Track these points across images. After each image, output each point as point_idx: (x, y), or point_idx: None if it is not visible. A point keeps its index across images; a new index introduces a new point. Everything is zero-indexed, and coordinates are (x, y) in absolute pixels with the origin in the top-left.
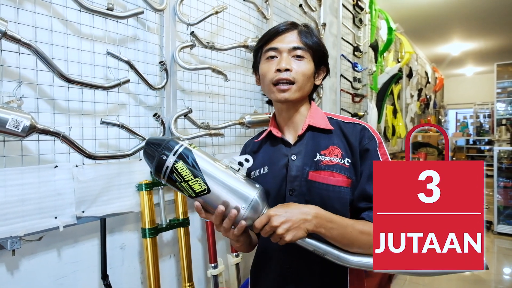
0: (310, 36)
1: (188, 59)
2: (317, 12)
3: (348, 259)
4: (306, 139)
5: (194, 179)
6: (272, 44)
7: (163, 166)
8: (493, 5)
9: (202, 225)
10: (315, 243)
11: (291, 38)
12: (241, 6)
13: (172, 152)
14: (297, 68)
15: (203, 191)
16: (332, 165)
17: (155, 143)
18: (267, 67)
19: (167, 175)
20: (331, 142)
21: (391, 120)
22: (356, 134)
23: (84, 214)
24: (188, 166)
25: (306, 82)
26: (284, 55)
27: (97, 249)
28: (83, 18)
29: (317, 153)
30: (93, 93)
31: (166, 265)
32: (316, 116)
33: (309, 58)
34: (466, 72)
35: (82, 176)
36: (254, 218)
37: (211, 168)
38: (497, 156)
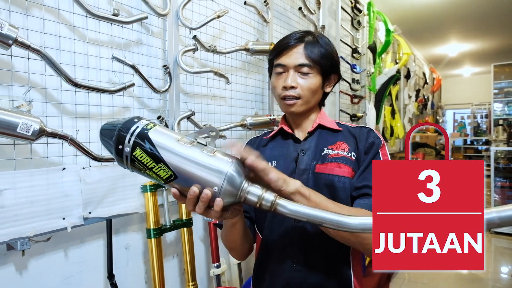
0: (317, 49)
1: (190, 62)
2: (316, 14)
3: (349, 223)
4: (315, 137)
5: (157, 165)
6: (280, 60)
7: (122, 156)
8: (489, 7)
9: (204, 226)
10: (309, 211)
11: (297, 55)
12: (242, 10)
13: (126, 139)
14: (303, 84)
15: (169, 177)
16: (339, 157)
17: (108, 130)
18: (276, 82)
19: (129, 165)
20: (339, 139)
21: (389, 121)
22: (364, 134)
23: (90, 215)
24: (146, 152)
25: (312, 96)
26: (290, 72)
27: (102, 249)
28: (89, 24)
29: (325, 148)
30: (99, 97)
31: (169, 265)
32: (325, 118)
33: (315, 73)
34: (463, 73)
35: (89, 178)
36: (234, 193)
37: (174, 149)
38: (494, 156)
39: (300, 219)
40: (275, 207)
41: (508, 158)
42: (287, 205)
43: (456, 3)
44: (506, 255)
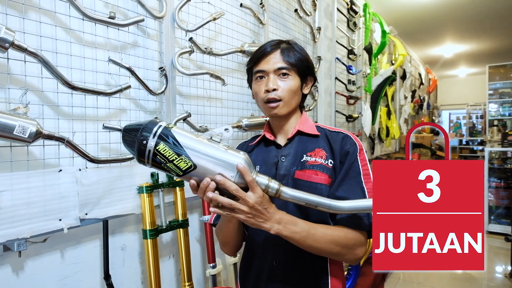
0: (293, 53)
1: (186, 64)
2: (312, 16)
3: (339, 206)
4: (295, 143)
5: (179, 157)
6: (259, 66)
7: (145, 151)
8: (484, 9)
9: (200, 226)
10: (307, 196)
11: (275, 59)
12: (238, 12)
13: (151, 134)
14: (283, 86)
15: (189, 167)
16: (316, 164)
17: (132, 129)
18: (258, 88)
19: (151, 159)
20: (317, 145)
21: (385, 122)
22: (339, 140)
23: (87, 216)
24: (170, 146)
25: (292, 97)
26: (270, 76)
27: (99, 250)
28: (85, 26)
29: (304, 154)
30: (95, 99)
31: (165, 265)
32: (305, 123)
33: (293, 75)
34: (459, 74)
35: (85, 179)
36: (244, 183)
37: (193, 144)
38: (488, 156)
39: (299, 203)
40: (279, 194)
41: (502, 159)
42: (288, 191)
43: (451, 4)
44: (500, 254)
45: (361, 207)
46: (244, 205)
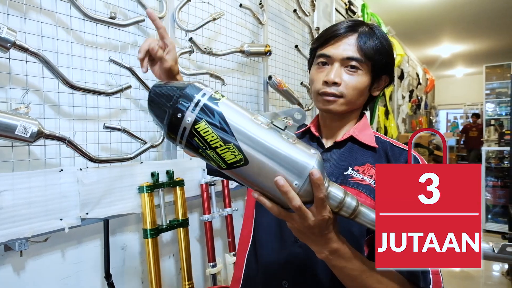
0: (373, 42)
1: (186, 64)
2: (311, 16)
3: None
4: (343, 149)
5: (225, 145)
6: (325, 49)
7: (178, 127)
8: (481, 10)
9: (200, 225)
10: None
11: (347, 46)
12: (237, 12)
13: (191, 105)
14: (348, 81)
15: (237, 162)
16: (362, 184)
17: (165, 93)
18: (316, 75)
19: (185, 139)
20: (369, 161)
21: (383, 121)
22: (402, 161)
23: (88, 216)
24: (214, 128)
25: (357, 97)
26: (335, 65)
27: (99, 250)
28: (86, 27)
29: (350, 167)
30: (96, 99)
31: (166, 265)
32: (363, 130)
33: (365, 70)
34: (456, 74)
35: (86, 179)
36: (310, 197)
37: (249, 128)
38: (485, 156)
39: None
40: (356, 215)
41: (499, 158)
42: (369, 214)
43: (448, 5)
44: None
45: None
46: (299, 222)
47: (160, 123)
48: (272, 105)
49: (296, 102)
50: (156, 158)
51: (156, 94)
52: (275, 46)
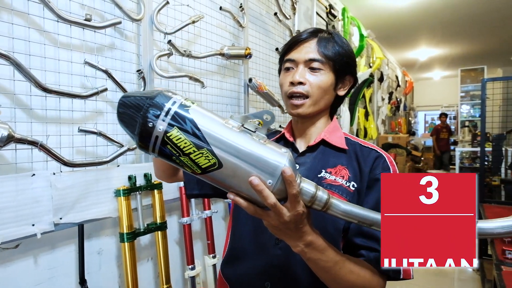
0: (332, 45)
1: (165, 67)
2: (292, 20)
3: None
4: (316, 152)
5: (198, 151)
6: (290, 54)
7: (150, 136)
8: (457, 15)
9: (179, 228)
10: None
11: (309, 49)
12: (217, 15)
13: (161, 114)
14: (312, 81)
15: (211, 166)
16: (335, 185)
17: (134, 103)
18: (284, 79)
19: (158, 148)
20: (341, 162)
21: (363, 123)
22: (370, 160)
23: (61, 221)
24: (187, 135)
25: (322, 95)
26: (300, 67)
27: (74, 255)
28: (60, 28)
29: (323, 170)
30: (70, 102)
31: (143, 268)
32: (333, 133)
33: (328, 69)
34: (433, 76)
35: (60, 183)
36: (284, 194)
37: (221, 133)
38: (459, 156)
39: (351, 221)
40: (328, 207)
41: (472, 158)
42: (340, 205)
43: (426, 11)
44: None
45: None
46: (275, 218)
47: (131, 134)
48: (253, 107)
49: (276, 104)
50: (133, 161)
51: (125, 104)
52: (255, 49)
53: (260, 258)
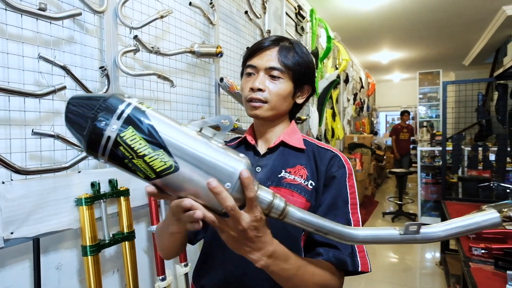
0: (292, 55)
1: (131, 64)
2: (262, 19)
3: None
4: (276, 154)
5: (153, 152)
6: (252, 60)
7: (101, 136)
8: (416, 21)
9: (148, 236)
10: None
11: (270, 57)
12: (187, 11)
13: (115, 114)
14: (271, 89)
15: (167, 168)
16: (294, 184)
17: (86, 103)
18: (245, 84)
19: (109, 149)
20: (299, 162)
21: (331, 123)
22: (326, 160)
23: (13, 236)
24: (142, 135)
25: (281, 102)
26: (260, 74)
27: (28, 272)
28: (9, 18)
29: (283, 170)
30: (22, 101)
31: (108, 282)
32: (292, 135)
33: (287, 78)
34: (393, 78)
35: (10, 193)
36: (242, 200)
37: (178, 136)
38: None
39: (307, 229)
40: (285, 215)
41: (431, 157)
42: (296, 213)
43: (390, 15)
44: (431, 245)
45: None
46: (234, 226)
47: (79, 135)
48: (224, 107)
49: None
50: (96, 166)
51: (76, 104)
52: (226, 47)
53: (236, 265)
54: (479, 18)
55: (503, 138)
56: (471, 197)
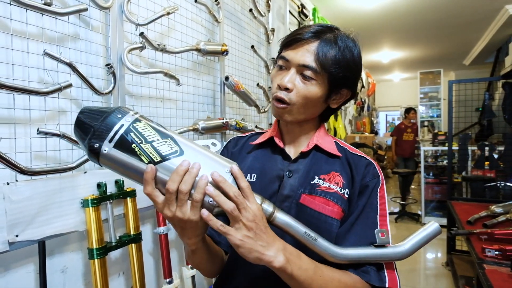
0: (333, 53)
1: (137, 61)
2: (266, 17)
3: (340, 254)
4: (309, 159)
5: (162, 139)
6: (285, 52)
7: (112, 126)
8: (417, 21)
9: (154, 238)
10: (306, 230)
11: (306, 52)
12: (193, 8)
13: (130, 112)
14: (300, 89)
15: (173, 153)
16: (330, 192)
17: (98, 109)
18: (274, 78)
19: (119, 135)
20: (334, 168)
21: (333, 123)
22: (362, 167)
23: (18, 239)
24: (152, 127)
25: (308, 107)
26: (291, 70)
27: (33, 276)
28: (13, 13)
29: (316, 176)
30: (27, 99)
31: (114, 285)
32: (324, 138)
33: (320, 81)
34: (394, 78)
35: (15, 195)
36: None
37: (180, 137)
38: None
39: (295, 234)
40: (273, 219)
41: (434, 157)
42: (283, 218)
43: (390, 15)
44: (435, 245)
45: (368, 256)
46: (242, 217)
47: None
48: (229, 106)
49: (253, 104)
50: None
51: (88, 110)
52: (231, 45)
53: (254, 270)
54: (481, 17)
55: (510, 137)
56: (477, 197)
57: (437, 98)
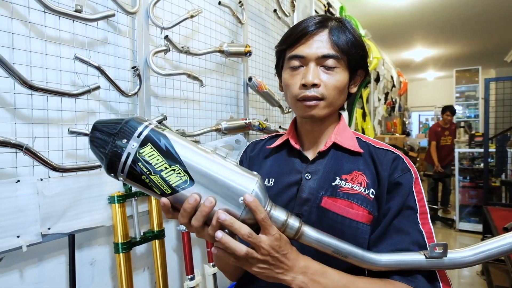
0: (345, 36)
1: (161, 64)
2: (291, 17)
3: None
4: (328, 158)
5: (170, 168)
6: (297, 50)
7: (121, 154)
8: (452, 16)
9: (177, 235)
10: (337, 242)
11: (321, 43)
12: (216, 10)
13: (136, 132)
14: (327, 81)
15: (183, 183)
16: (353, 194)
17: (109, 126)
18: (291, 79)
19: (128, 166)
20: (356, 167)
21: (361, 123)
22: (388, 163)
23: (50, 231)
24: (160, 151)
25: (338, 97)
26: (311, 65)
27: (64, 267)
28: (48, 20)
29: (337, 177)
30: (59, 101)
31: (139, 279)
32: (343, 133)
33: (343, 67)
34: (427, 77)
35: (48, 190)
36: (252, 219)
37: (193, 155)
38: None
39: (325, 250)
40: (300, 235)
41: (470, 159)
42: (312, 234)
43: (422, 11)
44: None
45: (408, 263)
46: (257, 252)
47: (101, 155)
48: (252, 107)
49: (276, 105)
50: None
51: (99, 128)
52: (255, 46)
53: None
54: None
55: None
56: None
57: (474, 97)
